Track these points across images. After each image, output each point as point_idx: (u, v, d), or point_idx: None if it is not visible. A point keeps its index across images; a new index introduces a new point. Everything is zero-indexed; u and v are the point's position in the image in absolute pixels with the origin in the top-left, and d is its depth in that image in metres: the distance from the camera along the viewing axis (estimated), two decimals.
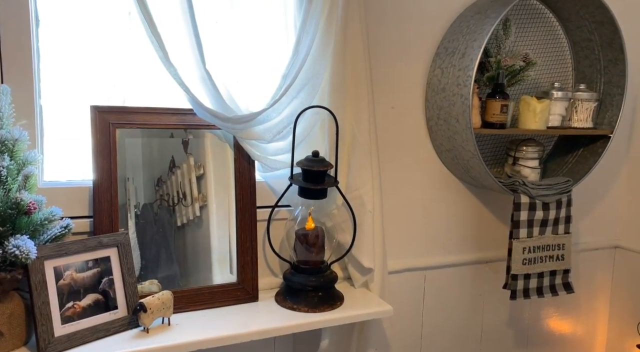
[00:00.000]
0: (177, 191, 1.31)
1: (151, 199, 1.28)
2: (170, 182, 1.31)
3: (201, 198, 1.35)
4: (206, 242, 1.34)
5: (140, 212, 1.26)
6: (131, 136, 1.24)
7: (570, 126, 1.65)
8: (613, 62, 1.63)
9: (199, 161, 1.34)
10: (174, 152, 1.30)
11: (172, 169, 1.31)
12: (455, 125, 1.49)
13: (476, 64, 1.40)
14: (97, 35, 1.27)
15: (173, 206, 1.31)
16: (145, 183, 1.27)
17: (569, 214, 1.60)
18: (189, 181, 1.33)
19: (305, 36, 1.28)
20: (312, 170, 1.28)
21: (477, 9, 1.52)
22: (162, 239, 1.29)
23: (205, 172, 1.36)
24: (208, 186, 1.35)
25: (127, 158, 1.23)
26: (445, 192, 1.68)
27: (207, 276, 1.34)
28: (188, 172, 1.33)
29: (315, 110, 1.34)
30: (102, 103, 1.22)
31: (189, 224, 1.33)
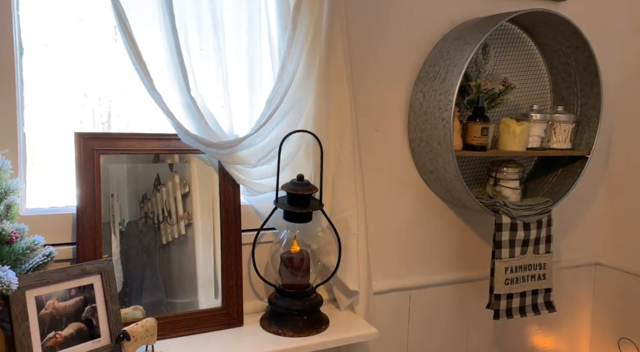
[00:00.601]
0: (162, 208, 1.31)
1: (136, 217, 1.28)
2: (155, 199, 1.31)
3: (186, 216, 1.35)
4: (191, 261, 1.34)
5: (125, 230, 1.26)
6: (116, 162, 1.24)
7: (549, 147, 1.69)
8: (589, 85, 1.68)
9: (185, 179, 1.34)
10: (159, 169, 1.31)
11: (157, 187, 1.31)
12: (437, 147, 1.52)
13: (456, 89, 1.43)
14: (83, 61, 1.27)
15: (158, 223, 1.31)
16: (130, 200, 1.27)
17: (550, 233, 1.63)
18: (174, 199, 1.33)
19: (289, 62, 1.30)
20: (297, 194, 1.30)
21: (457, 34, 1.56)
22: (147, 257, 1.28)
23: (191, 190, 1.37)
24: (193, 204, 1.35)
25: (112, 173, 1.23)
26: (429, 213, 1.70)
27: (192, 298, 1.33)
28: (173, 190, 1.33)
29: (300, 134, 1.35)
30: (87, 129, 1.22)
31: (174, 243, 1.33)
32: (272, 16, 1.33)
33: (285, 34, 1.30)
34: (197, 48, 1.24)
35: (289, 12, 1.31)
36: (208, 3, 1.22)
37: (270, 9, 1.33)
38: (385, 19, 1.54)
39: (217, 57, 1.26)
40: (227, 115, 1.30)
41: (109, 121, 1.35)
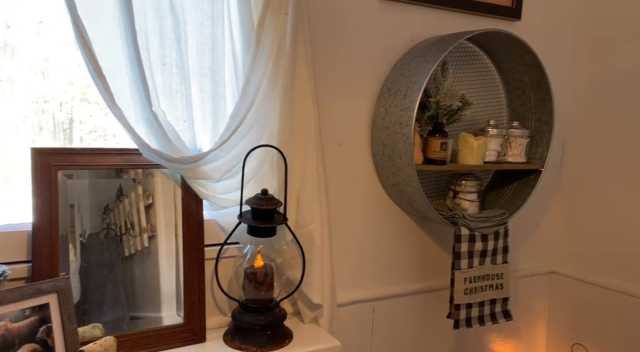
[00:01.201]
0: (124, 220, 1.29)
1: (98, 228, 1.25)
2: (117, 210, 1.29)
3: (150, 228, 1.33)
4: (154, 275, 1.32)
5: (86, 242, 1.23)
6: (77, 177, 1.21)
7: (505, 161, 1.76)
8: (542, 102, 1.76)
9: (148, 190, 1.32)
10: (122, 180, 1.29)
11: (120, 198, 1.29)
12: (399, 161, 1.56)
13: (416, 105, 1.48)
14: (43, 65, 1.25)
15: (120, 235, 1.28)
16: (91, 211, 1.24)
17: (507, 244, 1.69)
18: (137, 210, 1.32)
19: (253, 78, 1.31)
20: (261, 209, 1.30)
21: (417, 52, 1.61)
22: (108, 271, 1.26)
23: (154, 201, 1.35)
24: (157, 216, 1.34)
25: (72, 185, 1.20)
26: (392, 225, 1.74)
27: (155, 313, 1.31)
28: (136, 201, 1.31)
29: (265, 149, 1.36)
30: (48, 136, 1.19)
31: (137, 255, 1.31)
32: (235, 32, 1.34)
33: (249, 50, 1.32)
34: (160, 63, 1.24)
35: (252, 28, 1.32)
36: (171, 19, 1.22)
37: (234, 25, 1.34)
38: (348, 36, 1.57)
39: (180, 72, 1.26)
40: (189, 130, 1.30)
41: (71, 128, 1.32)
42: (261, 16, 1.30)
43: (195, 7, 1.27)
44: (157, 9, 1.21)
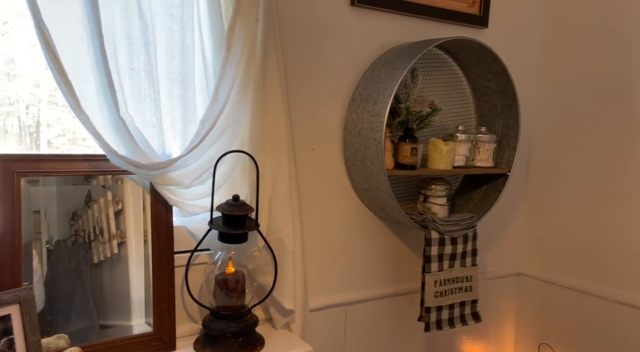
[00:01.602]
0: (93, 226, 1.27)
1: (65, 235, 1.22)
2: (86, 216, 1.26)
3: (119, 235, 1.31)
4: (124, 282, 1.30)
5: (52, 249, 1.20)
6: (43, 184, 1.18)
7: (473, 165, 1.80)
8: (508, 108, 1.81)
9: (117, 196, 1.30)
10: (90, 186, 1.26)
11: (89, 203, 1.26)
12: (370, 166, 1.57)
13: (387, 111, 1.50)
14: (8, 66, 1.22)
15: (89, 242, 1.26)
16: (59, 217, 1.21)
17: (475, 247, 1.73)
18: (107, 216, 1.29)
19: (224, 83, 1.30)
20: (232, 215, 1.29)
21: (387, 59, 1.63)
22: (76, 278, 1.23)
23: (124, 207, 1.33)
24: (127, 222, 1.31)
25: (38, 190, 1.17)
26: (364, 229, 1.75)
27: (125, 321, 1.29)
28: (105, 207, 1.29)
29: (236, 154, 1.36)
30: (14, 140, 1.16)
31: (107, 262, 1.28)
32: (206, 37, 1.33)
33: (220, 54, 1.31)
34: (128, 67, 1.22)
35: (223, 33, 1.32)
36: (139, 23, 1.21)
37: (204, 30, 1.33)
38: (320, 42, 1.58)
39: (149, 77, 1.24)
40: (158, 135, 1.28)
41: (38, 132, 1.29)
42: (232, 21, 1.30)
43: (164, 12, 1.26)
44: (124, 13, 1.19)
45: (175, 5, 1.27)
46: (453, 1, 1.78)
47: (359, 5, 1.60)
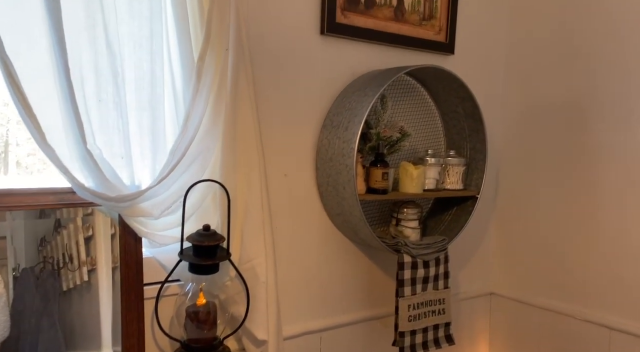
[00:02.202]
0: (62, 252, 1.23)
1: (33, 262, 1.18)
2: (55, 242, 1.23)
3: (90, 261, 1.28)
4: (94, 311, 1.27)
5: (19, 275, 1.16)
6: (12, 215, 1.15)
7: (444, 188, 1.83)
8: (475, 131, 1.86)
9: (88, 222, 1.27)
10: (59, 210, 1.23)
11: (58, 229, 1.23)
12: (342, 192, 1.59)
13: (357, 138, 1.52)
14: None
15: (58, 269, 1.22)
16: (26, 243, 1.18)
17: (447, 269, 1.75)
18: (76, 243, 1.26)
19: (194, 112, 1.30)
20: (202, 246, 1.28)
21: (357, 86, 1.66)
22: (44, 307, 1.19)
23: (95, 233, 1.30)
24: (97, 248, 1.29)
25: (4, 216, 1.14)
26: (338, 254, 1.76)
27: (95, 351, 1.25)
28: (75, 233, 1.26)
29: (207, 183, 1.35)
30: None
31: (76, 290, 1.24)
32: (175, 67, 1.34)
33: (190, 84, 1.31)
34: (95, 98, 1.21)
35: (193, 63, 1.32)
36: (107, 54, 1.20)
37: (174, 60, 1.33)
38: (291, 70, 1.60)
39: (117, 108, 1.23)
40: (127, 166, 1.27)
41: (6, 152, 1.25)
42: (202, 51, 1.30)
43: (132, 43, 1.26)
44: (92, 45, 1.18)
45: (144, 36, 1.27)
46: (420, 29, 1.84)
47: (328, 34, 1.64)
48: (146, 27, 1.27)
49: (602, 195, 1.83)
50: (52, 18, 1.09)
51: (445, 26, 1.89)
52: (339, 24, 1.65)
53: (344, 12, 1.66)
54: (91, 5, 1.17)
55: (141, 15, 1.26)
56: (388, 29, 1.76)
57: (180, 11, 1.30)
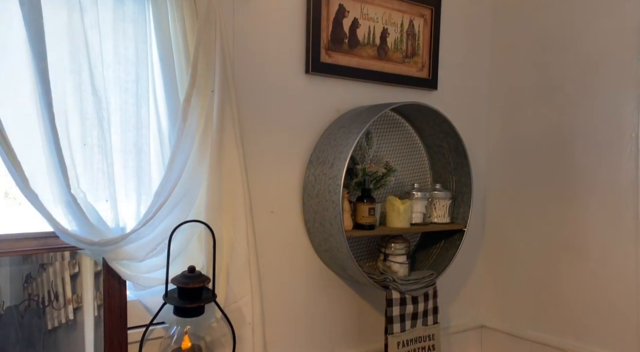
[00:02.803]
0: (48, 290, 1.21)
1: (18, 299, 1.16)
2: (40, 279, 1.21)
3: (75, 299, 1.25)
4: (80, 351, 1.22)
5: (3, 313, 1.13)
6: None
7: (431, 222, 1.84)
8: (460, 165, 1.88)
9: (74, 259, 1.26)
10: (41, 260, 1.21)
11: (44, 266, 1.21)
12: (329, 228, 1.59)
13: (343, 174, 1.53)
14: None
15: (43, 307, 1.20)
16: (11, 280, 1.16)
17: (436, 305, 1.74)
18: (62, 280, 1.24)
19: (180, 154, 1.31)
20: (187, 288, 1.27)
21: (342, 123, 1.69)
22: (28, 347, 1.16)
23: (81, 270, 1.28)
24: (84, 285, 1.27)
25: None
26: (326, 291, 1.74)
27: None
28: (61, 270, 1.24)
29: (192, 224, 1.35)
30: None
31: (62, 328, 1.22)
32: (161, 108, 1.35)
33: (175, 125, 1.33)
34: (80, 142, 1.22)
35: (179, 104, 1.34)
36: (92, 99, 1.22)
37: (159, 102, 1.35)
38: (277, 108, 1.63)
39: (102, 151, 1.24)
40: (112, 209, 1.27)
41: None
42: (187, 93, 1.32)
43: (118, 86, 1.28)
44: (77, 90, 1.20)
45: (130, 79, 1.29)
46: (403, 66, 1.88)
47: (313, 73, 1.67)
48: (132, 70, 1.29)
49: (586, 226, 1.85)
50: (37, 64, 1.11)
51: (428, 63, 1.94)
52: (324, 63, 1.69)
53: (328, 52, 1.70)
54: (77, 50, 1.19)
55: (127, 60, 1.28)
56: (372, 67, 1.80)
57: (166, 55, 1.33)
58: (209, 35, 1.36)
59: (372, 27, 1.78)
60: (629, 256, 1.72)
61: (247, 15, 1.54)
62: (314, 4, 1.64)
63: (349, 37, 1.73)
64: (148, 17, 1.30)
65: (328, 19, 1.68)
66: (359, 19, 1.75)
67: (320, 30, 1.66)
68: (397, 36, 1.85)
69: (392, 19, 1.83)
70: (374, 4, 1.78)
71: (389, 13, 1.82)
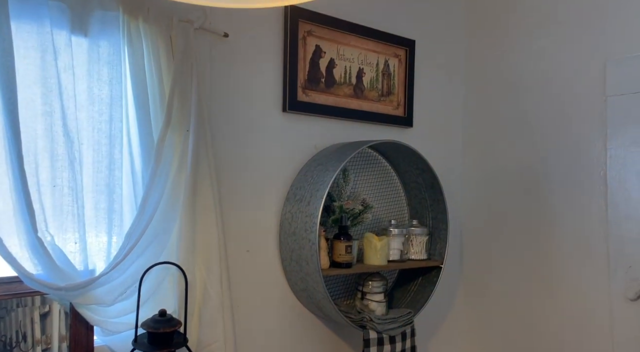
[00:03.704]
0: (16, 330, 1.16)
1: None
2: (9, 319, 1.16)
3: (44, 340, 1.20)
4: None
5: None
6: None
7: (408, 258, 1.83)
8: (436, 201, 1.90)
9: (47, 300, 1.21)
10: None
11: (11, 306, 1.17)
12: (306, 267, 1.57)
13: (320, 212, 1.53)
14: None
15: (11, 348, 1.14)
16: None
17: (414, 344, 1.72)
18: (31, 320, 1.19)
19: (152, 194, 1.30)
20: (157, 333, 1.23)
21: (319, 160, 1.69)
22: None
23: (52, 310, 1.23)
24: (53, 326, 1.21)
25: None
26: (303, 331, 1.71)
27: None
28: (31, 309, 1.19)
29: (164, 266, 1.32)
30: None
31: None
32: (135, 149, 1.34)
33: (149, 166, 1.32)
34: (50, 184, 1.20)
35: (152, 144, 1.33)
36: (64, 140, 1.20)
37: (133, 141, 1.34)
38: (253, 146, 1.63)
39: (72, 193, 1.22)
40: (82, 251, 1.24)
41: None
42: (162, 133, 1.32)
43: (92, 127, 1.27)
44: (48, 132, 1.19)
45: (103, 120, 1.28)
46: (379, 105, 1.92)
47: (290, 111, 1.69)
48: (106, 111, 1.28)
49: (560, 262, 1.86)
50: (6, 107, 1.10)
51: (404, 101, 1.98)
52: (301, 102, 1.71)
53: (305, 91, 1.72)
54: (49, 92, 1.19)
55: (101, 101, 1.28)
56: (348, 105, 1.83)
57: (141, 94, 1.33)
58: (185, 74, 1.37)
59: (349, 67, 1.82)
60: (601, 292, 1.73)
61: (224, 54, 1.56)
62: (291, 45, 1.67)
63: (325, 76, 1.76)
64: (123, 58, 1.31)
65: (305, 59, 1.72)
66: (335, 59, 1.79)
67: (297, 69, 1.69)
68: (373, 75, 1.89)
69: (367, 59, 1.87)
70: (349, 45, 1.82)
71: (365, 54, 1.86)
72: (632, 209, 1.66)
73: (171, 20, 1.36)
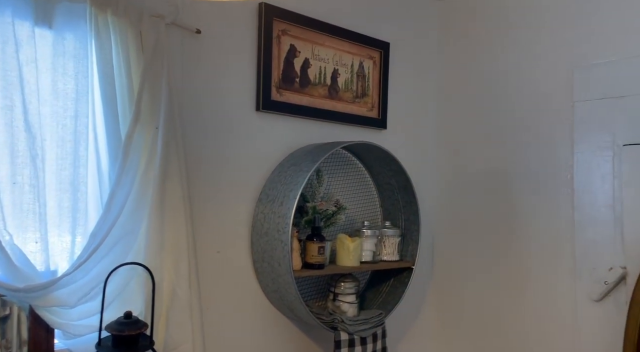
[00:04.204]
0: None
1: None
2: None
3: (4, 344, 1.15)
4: None
5: None
6: None
7: (381, 259, 1.84)
8: (409, 203, 1.91)
9: (7, 303, 1.16)
10: None
11: None
12: (278, 268, 1.55)
13: (292, 213, 1.52)
14: None
15: None
16: None
17: (385, 345, 1.72)
18: None
19: (119, 192, 1.26)
20: (122, 335, 1.19)
21: (293, 160, 1.68)
22: None
23: (12, 312, 1.18)
24: (14, 329, 1.16)
25: None
26: (274, 333, 1.69)
27: None
28: None
29: (131, 266, 1.28)
30: None
31: None
32: (101, 146, 1.30)
33: (116, 163, 1.28)
34: (9, 181, 1.15)
35: (120, 141, 1.30)
36: (25, 136, 1.16)
37: (100, 138, 1.30)
38: (225, 145, 1.60)
39: (34, 190, 1.17)
40: (43, 251, 1.19)
41: None
42: (130, 129, 1.29)
43: (55, 123, 1.22)
44: (8, 127, 1.14)
45: (68, 115, 1.24)
46: (354, 106, 1.92)
47: (264, 111, 1.67)
48: (71, 107, 1.24)
49: (528, 263, 1.89)
50: None
51: (378, 103, 1.99)
52: (275, 101, 1.69)
53: (280, 90, 1.71)
54: (10, 86, 1.14)
55: (66, 96, 1.23)
56: (323, 106, 1.82)
57: (108, 90, 1.29)
58: (156, 70, 1.34)
59: (323, 67, 1.82)
60: (567, 293, 1.77)
61: (196, 51, 1.54)
62: (265, 43, 1.65)
63: (300, 76, 1.75)
64: (90, 52, 1.26)
65: (279, 58, 1.70)
66: (310, 59, 1.78)
67: (272, 68, 1.67)
68: (348, 77, 1.89)
69: (342, 60, 1.87)
70: (324, 46, 1.81)
71: (340, 54, 1.86)
72: (597, 212, 1.70)
73: (141, 14, 1.32)
